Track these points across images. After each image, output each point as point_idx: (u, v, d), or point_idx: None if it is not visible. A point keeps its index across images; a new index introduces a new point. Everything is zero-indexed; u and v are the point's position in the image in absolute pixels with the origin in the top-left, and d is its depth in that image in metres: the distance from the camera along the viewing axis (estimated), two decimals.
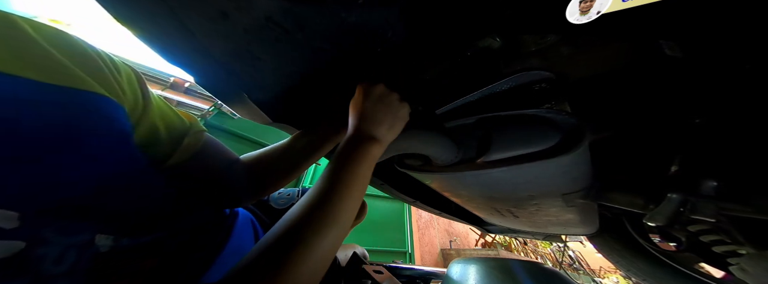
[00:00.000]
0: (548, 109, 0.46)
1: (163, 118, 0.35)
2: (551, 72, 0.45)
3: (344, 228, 0.33)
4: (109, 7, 0.31)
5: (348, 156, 0.38)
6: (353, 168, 0.37)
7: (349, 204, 0.35)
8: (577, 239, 5.64)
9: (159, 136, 0.34)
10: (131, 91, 0.29)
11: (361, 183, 0.37)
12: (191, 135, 0.38)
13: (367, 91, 0.44)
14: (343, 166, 0.37)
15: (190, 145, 0.38)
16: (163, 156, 0.35)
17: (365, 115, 0.43)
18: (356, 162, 0.38)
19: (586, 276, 7.01)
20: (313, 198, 0.34)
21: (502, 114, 0.48)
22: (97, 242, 0.26)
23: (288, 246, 0.28)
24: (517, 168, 0.48)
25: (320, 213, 0.32)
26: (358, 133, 0.42)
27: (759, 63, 0.36)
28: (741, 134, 0.47)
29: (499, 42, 0.42)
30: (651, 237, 0.91)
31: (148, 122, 0.32)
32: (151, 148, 0.33)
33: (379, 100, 0.44)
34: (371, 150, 0.40)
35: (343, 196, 0.34)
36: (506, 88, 0.48)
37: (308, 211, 0.32)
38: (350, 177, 0.36)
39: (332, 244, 0.31)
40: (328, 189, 0.35)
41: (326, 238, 0.30)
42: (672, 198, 0.50)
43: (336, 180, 0.35)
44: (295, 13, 0.36)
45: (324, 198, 0.33)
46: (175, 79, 4.40)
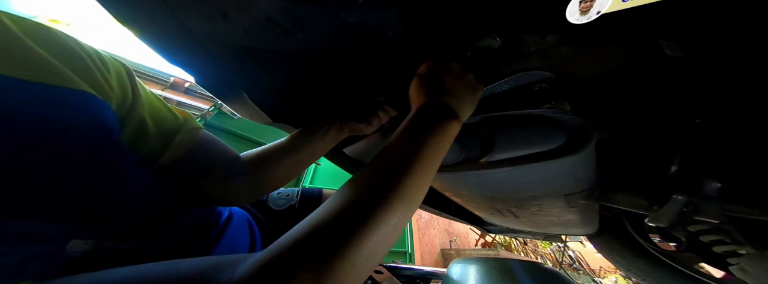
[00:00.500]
0: (553, 109, 0.46)
1: (153, 113, 0.34)
2: (551, 72, 0.44)
3: (413, 209, 0.29)
4: (109, 7, 0.31)
5: (428, 129, 0.33)
6: (432, 143, 0.32)
7: (422, 183, 0.30)
8: (577, 239, 5.64)
9: (147, 132, 0.33)
10: (120, 87, 0.29)
11: (436, 162, 0.32)
12: (184, 132, 0.38)
13: (445, 67, 0.40)
14: (421, 140, 0.32)
15: (183, 142, 0.38)
16: (154, 153, 0.35)
17: (447, 89, 0.38)
18: (436, 138, 0.33)
19: (586, 276, 7.01)
20: (386, 170, 0.29)
21: (507, 113, 0.48)
22: (70, 248, 0.25)
23: (356, 219, 0.24)
24: (521, 169, 0.48)
25: (393, 188, 0.27)
26: (441, 106, 0.36)
27: (759, 63, 0.36)
28: (742, 134, 0.47)
29: (499, 42, 0.42)
30: (651, 237, 0.91)
31: (136, 117, 0.31)
32: (140, 145, 0.32)
33: (458, 76, 0.40)
34: (452, 128, 0.35)
35: (418, 173, 0.29)
36: (506, 88, 0.48)
37: (380, 185, 0.27)
38: (428, 152, 0.31)
39: (400, 225, 0.27)
40: (402, 163, 0.29)
41: (395, 217, 0.26)
42: (677, 200, 0.49)
43: (412, 154, 0.30)
44: (295, 13, 0.36)
45: (398, 173, 0.28)
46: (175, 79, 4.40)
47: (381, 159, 0.31)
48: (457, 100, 0.38)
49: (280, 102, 0.53)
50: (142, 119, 0.32)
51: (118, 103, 0.28)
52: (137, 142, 0.32)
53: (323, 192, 0.73)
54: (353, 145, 0.64)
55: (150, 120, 0.33)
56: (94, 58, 0.27)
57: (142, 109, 0.32)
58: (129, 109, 0.30)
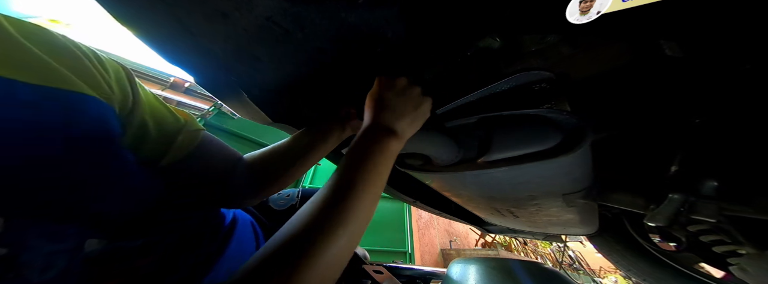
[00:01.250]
0: (550, 109, 0.46)
1: (154, 114, 0.34)
2: (551, 72, 0.44)
3: (361, 229, 0.31)
4: (109, 7, 0.31)
5: (366, 150, 0.35)
6: (371, 163, 0.34)
7: (366, 204, 0.31)
8: (577, 239, 5.64)
9: (148, 133, 0.33)
10: (120, 89, 0.29)
11: (379, 181, 0.34)
12: (185, 133, 0.38)
13: (389, 83, 0.42)
14: (360, 161, 0.34)
15: (185, 143, 0.37)
16: (155, 155, 0.35)
17: (386, 107, 0.40)
18: (374, 157, 0.35)
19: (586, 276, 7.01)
20: (328, 196, 0.31)
21: (504, 113, 0.48)
22: (87, 247, 0.26)
23: (299, 249, 0.26)
24: (518, 169, 0.48)
25: (335, 212, 0.29)
26: (378, 125, 0.39)
27: (759, 63, 0.36)
28: (741, 134, 0.47)
29: (499, 42, 0.42)
30: (651, 237, 0.91)
31: (137, 119, 0.31)
32: (141, 146, 0.32)
33: (402, 92, 0.42)
34: (390, 145, 0.37)
35: (360, 194, 0.31)
36: (506, 88, 0.48)
37: (322, 211, 0.29)
38: (368, 173, 0.33)
39: (347, 247, 0.29)
40: (343, 186, 0.31)
41: (341, 240, 0.28)
42: (673, 199, 0.50)
43: (353, 177, 0.32)
44: (295, 13, 0.36)
45: (339, 197, 0.30)
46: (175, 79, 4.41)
47: (329, 184, 0.33)
48: (396, 117, 0.40)
49: (280, 102, 0.53)
50: (144, 120, 0.32)
51: (119, 105, 0.28)
52: (139, 143, 0.32)
53: None
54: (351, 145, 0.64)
55: (151, 121, 0.33)
56: (93, 61, 0.27)
57: (143, 111, 0.32)
58: (130, 111, 0.30)
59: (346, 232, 0.28)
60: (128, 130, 0.30)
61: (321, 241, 0.27)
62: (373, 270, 0.69)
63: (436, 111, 0.56)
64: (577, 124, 0.44)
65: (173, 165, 0.36)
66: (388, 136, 0.38)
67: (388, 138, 0.37)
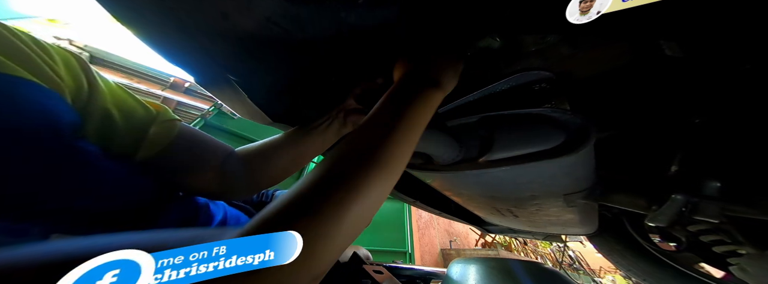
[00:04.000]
0: (553, 109, 0.46)
1: (118, 104, 0.32)
2: (551, 72, 0.44)
3: (394, 180, 0.28)
4: (109, 7, 0.31)
5: (408, 99, 0.33)
6: (413, 113, 0.32)
7: (403, 155, 0.29)
8: (577, 239, 5.64)
9: (114, 124, 0.31)
10: (71, 76, 0.27)
11: (417, 133, 0.32)
12: (158, 124, 0.36)
13: (425, 46, 0.41)
14: (402, 107, 0.31)
15: (160, 135, 0.35)
16: (128, 149, 0.33)
17: (430, 59, 0.38)
18: (416, 107, 0.32)
19: (586, 276, 7.01)
20: (364, 141, 0.28)
21: (506, 113, 0.48)
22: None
23: (334, 188, 0.24)
24: (520, 168, 0.48)
25: (372, 158, 0.26)
26: (421, 74, 0.36)
27: (759, 63, 0.36)
28: (742, 134, 0.47)
29: (499, 42, 0.42)
30: (651, 237, 0.91)
31: (97, 109, 0.29)
32: (109, 140, 0.30)
33: (440, 51, 0.41)
34: (434, 96, 0.35)
35: (398, 144, 0.28)
36: (506, 87, 0.48)
37: (360, 155, 0.27)
38: (408, 123, 0.31)
39: (380, 196, 0.26)
40: (382, 133, 0.29)
41: (376, 188, 0.26)
42: (675, 199, 0.49)
43: (392, 125, 0.30)
44: (295, 13, 0.36)
45: (377, 144, 0.28)
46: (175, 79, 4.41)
47: (363, 128, 0.30)
48: (440, 70, 0.38)
49: (280, 102, 0.53)
50: (106, 111, 0.30)
51: (72, 94, 0.26)
52: (106, 136, 0.30)
53: None
54: None
55: (116, 112, 0.31)
56: (31, 46, 0.24)
57: (104, 100, 0.30)
58: (86, 100, 0.28)
59: (380, 182, 0.26)
60: (89, 121, 0.28)
61: (360, 185, 0.24)
62: (373, 270, 0.69)
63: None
64: (581, 124, 0.44)
65: (151, 159, 0.34)
66: (432, 85, 0.36)
67: (432, 88, 0.35)
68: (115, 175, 0.30)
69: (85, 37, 4.17)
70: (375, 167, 0.26)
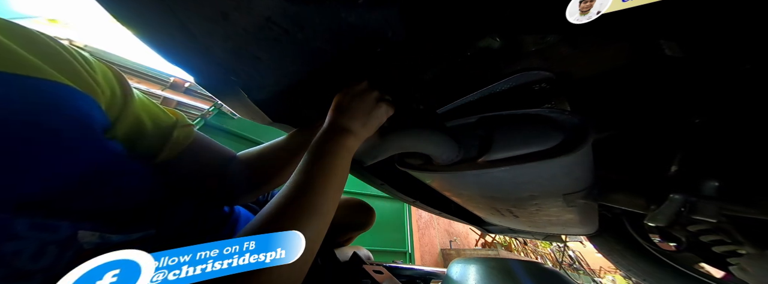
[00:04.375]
0: (551, 109, 0.46)
1: (148, 111, 0.35)
2: (551, 72, 0.44)
3: (324, 220, 0.33)
4: (109, 7, 0.31)
5: (323, 147, 0.38)
6: (328, 159, 0.37)
7: (327, 196, 0.34)
8: (577, 239, 5.64)
9: (145, 129, 0.33)
10: (108, 86, 0.29)
11: (338, 175, 0.37)
12: (180, 128, 0.38)
13: (350, 87, 0.46)
14: (318, 158, 0.37)
15: (180, 138, 0.38)
16: (152, 151, 0.35)
17: (341, 108, 0.44)
18: (331, 154, 0.38)
19: (586, 276, 7.01)
20: (290, 190, 0.33)
21: (504, 113, 0.48)
22: (81, 239, 0.25)
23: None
24: (519, 168, 0.48)
25: (297, 205, 0.31)
26: (332, 124, 0.42)
27: (759, 63, 0.36)
28: (742, 134, 0.47)
29: (499, 42, 0.42)
30: (651, 237, 0.91)
31: (131, 116, 0.31)
32: (138, 142, 0.32)
33: (357, 95, 0.45)
34: (346, 142, 0.40)
35: (320, 188, 0.33)
36: (506, 87, 0.48)
37: (285, 204, 0.31)
38: (326, 168, 0.36)
39: (312, 237, 0.30)
40: (304, 181, 0.34)
41: (306, 230, 0.29)
42: (674, 199, 0.50)
43: (312, 172, 0.35)
44: (295, 13, 0.36)
45: (301, 190, 0.33)
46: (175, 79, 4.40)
47: (292, 179, 0.35)
48: (348, 117, 0.43)
49: (280, 102, 0.53)
50: (138, 117, 0.32)
51: (107, 102, 0.28)
52: (135, 140, 0.32)
53: None
54: None
55: (146, 118, 0.34)
56: (75, 56, 0.26)
57: (137, 108, 0.32)
58: (121, 108, 0.30)
59: (310, 224, 0.30)
60: (120, 125, 0.30)
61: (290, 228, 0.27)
62: (373, 270, 0.69)
63: (436, 110, 0.56)
64: (578, 124, 0.44)
65: (170, 161, 0.37)
66: (342, 133, 0.41)
67: (342, 135, 0.40)
68: (143, 177, 0.32)
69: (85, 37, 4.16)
70: (303, 214, 0.30)
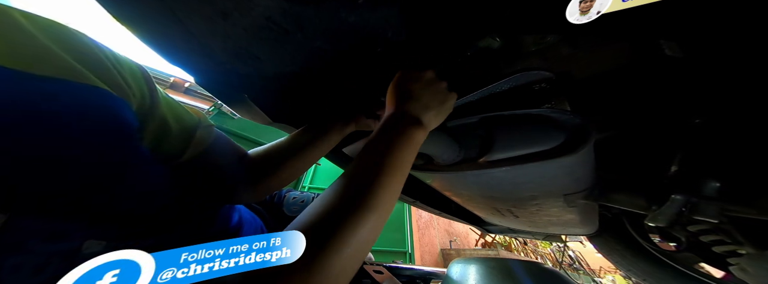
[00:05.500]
0: (552, 109, 0.46)
1: (172, 111, 0.34)
2: (551, 72, 0.44)
3: (383, 218, 0.30)
4: (109, 7, 0.31)
5: (391, 139, 0.34)
6: (397, 152, 0.33)
7: (390, 193, 0.31)
8: (577, 239, 5.64)
9: (170, 130, 0.33)
10: (137, 87, 0.28)
11: (403, 171, 0.33)
12: (202, 128, 0.38)
13: (416, 75, 0.42)
14: (385, 150, 0.33)
15: (203, 138, 0.37)
16: (176, 151, 0.34)
17: (413, 97, 0.39)
18: (400, 147, 0.34)
19: (586, 276, 7.02)
20: (352, 183, 0.30)
21: (506, 113, 0.48)
22: (85, 249, 0.25)
23: (324, 234, 0.25)
24: (520, 168, 0.48)
25: (360, 200, 0.28)
26: (404, 114, 0.38)
27: (759, 63, 0.36)
28: (742, 134, 0.47)
29: (499, 42, 0.42)
30: (651, 237, 0.91)
31: (158, 116, 0.31)
32: (163, 143, 0.32)
33: (429, 84, 0.42)
34: (416, 135, 0.36)
35: (385, 184, 0.30)
36: (506, 87, 0.48)
37: (347, 198, 0.28)
38: (393, 162, 0.32)
39: (371, 236, 0.28)
40: (368, 174, 0.31)
41: (365, 228, 0.27)
42: (675, 200, 0.49)
43: (378, 165, 0.31)
44: (295, 13, 0.36)
45: (364, 185, 0.29)
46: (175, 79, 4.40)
47: (352, 172, 0.32)
48: (422, 108, 0.39)
49: (280, 102, 0.53)
50: (164, 118, 0.32)
51: (137, 103, 0.28)
52: (160, 140, 0.32)
53: None
54: (353, 145, 0.64)
55: (170, 117, 0.33)
56: (110, 58, 0.26)
57: (162, 109, 0.32)
58: (148, 109, 0.30)
59: (370, 221, 0.27)
60: (149, 128, 0.30)
61: (349, 228, 0.26)
62: (373, 270, 0.69)
63: None
64: (580, 124, 0.44)
65: (193, 160, 0.36)
66: (415, 125, 0.37)
67: (414, 127, 0.37)
68: (161, 180, 0.31)
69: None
70: (365, 211, 0.27)
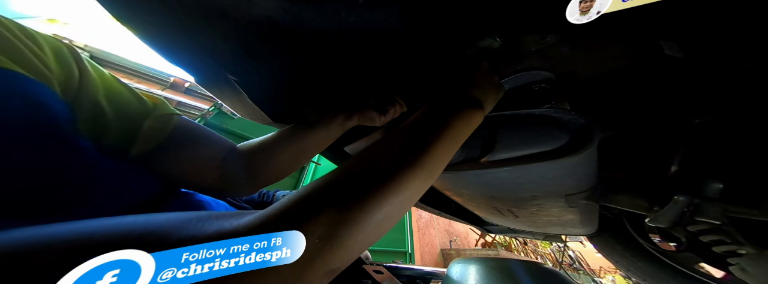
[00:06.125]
0: (555, 109, 0.46)
1: (111, 97, 0.31)
2: (551, 72, 0.44)
3: (430, 181, 0.28)
4: (109, 7, 0.30)
5: (455, 113, 0.34)
6: (457, 125, 0.33)
7: (441, 162, 0.30)
8: (577, 239, 5.64)
9: (104, 117, 0.29)
10: (60, 66, 0.26)
11: (457, 144, 0.33)
12: (154, 118, 0.35)
13: (476, 64, 0.42)
14: (447, 120, 0.32)
15: (154, 130, 0.34)
16: (121, 144, 0.31)
17: (477, 83, 0.40)
18: (460, 122, 0.33)
19: (586, 276, 7.02)
20: (409, 142, 0.29)
21: (508, 113, 0.47)
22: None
23: (379, 178, 0.24)
24: (522, 169, 0.48)
25: (416, 160, 0.27)
26: (469, 96, 0.38)
27: (759, 63, 0.36)
28: (742, 134, 0.47)
29: (499, 42, 0.42)
30: (651, 237, 0.91)
31: (87, 101, 0.28)
32: (101, 134, 0.29)
33: (487, 74, 0.42)
34: (476, 116, 0.36)
35: (440, 152, 0.29)
36: (506, 88, 0.48)
37: (404, 152, 0.27)
38: (452, 132, 0.32)
39: (416, 194, 0.27)
40: (427, 136, 0.30)
41: (416, 183, 0.26)
42: (678, 201, 0.49)
43: (438, 131, 0.31)
44: (295, 13, 0.36)
45: (421, 146, 0.28)
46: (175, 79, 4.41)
47: (407, 130, 0.31)
48: (485, 93, 0.40)
49: (280, 102, 0.53)
50: (96, 102, 0.29)
51: (61, 85, 0.25)
52: (96, 130, 0.29)
53: None
54: (355, 143, 0.64)
55: (107, 104, 0.30)
56: (18, 35, 0.23)
57: (95, 92, 0.29)
58: (76, 91, 0.27)
59: (417, 181, 0.26)
60: (79, 114, 0.27)
61: (403, 175, 0.24)
62: (373, 270, 0.69)
63: None
64: (585, 124, 0.44)
65: (147, 154, 0.33)
66: (476, 106, 0.37)
67: (475, 108, 0.37)
68: (111, 173, 0.29)
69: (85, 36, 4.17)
70: (417, 168, 0.26)
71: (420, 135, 0.30)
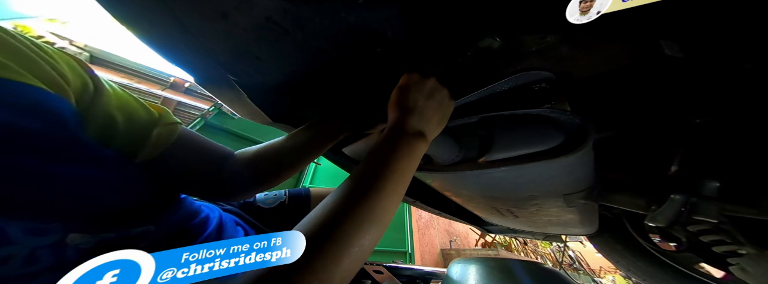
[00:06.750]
0: (552, 109, 0.46)
1: (122, 107, 0.33)
2: (551, 72, 0.44)
3: (382, 228, 0.30)
4: (109, 7, 0.31)
5: (393, 151, 0.35)
6: (399, 164, 0.34)
7: (391, 203, 0.31)
8: (577, 239, 5.64)
9: (116, 127, 0.32)
10: (76, 79, 0.27)
11: (405, 182, 0.34)
12: (162, 126, 0.37)
13: (419, 84, 0.42)
14: (387, 161, 0.34)
15: (162, 137, 0.37)
16: (128, 151, 0.33)
17: (416, 109, 0.40)
18: (402, 159, 0.35)
19: (586, 276, 7.02)
20: (353, 192, 0.30)
21: (505, 113, 0.48)
22: (71, 241, 0.25)
23: (325, 240, 0.25)
24: (519, 168, 0.48)
25: (363, 209, 0.28)
26: (406, 127, 0.38)
27: (759, 63, 0.36)
28: (742, 134, 0.47)
29: (499, 42, 0.42)
30: (651, 237, 0.91)
31: (101, 111, 0.30)
32: (108, 141, 0.31)
33: (431, 94, 0.42)
34: (418, 147, 0.37)
35: (385, 194, 0.31)
36: (506, 88, 0.48)
37: (349, 205, 0.29)
38: (395, 174, 0.33)
39: (370, 245, 0.28)
40: (369, 184, 0.31)
41: (365, 237, 0.27)
42: (675, 199, 0.50)
43: (379, 176, 0.32)
44: (295, 13, 0.36)
45: (366, 194, 0.30)
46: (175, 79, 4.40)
47: (356, 180, 0.32)
48: (425, 120, 0.40)
49: (280, 102, 0.53)
50: (109, 113, 0.31)
51: (77, 96, 0.27)
52: (105, 137, 0.31)
53: (311, 191, 0.74)
54: (352, 145, 0.64)
55: (119, 114, 0.32)
56: (35, 50, 0.25)
57: (108, 103, 0.31)
58: (90, 103, 0.29)
59: (371, 230, 0.28)
60: (91, 123, 0.29)
61: (350, 236, 0.26)
62: (373, 270, 0.69)
63: None
64: (580, 124, 0.44)
65: (152, 161, 0.35)
66: (417, 138, 0.38)
67: (416, 140, 0.37)
68: (122, 175, 0.31)
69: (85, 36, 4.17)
70: (366, 223, 0.28)
71: (364, 185, 0.31)
